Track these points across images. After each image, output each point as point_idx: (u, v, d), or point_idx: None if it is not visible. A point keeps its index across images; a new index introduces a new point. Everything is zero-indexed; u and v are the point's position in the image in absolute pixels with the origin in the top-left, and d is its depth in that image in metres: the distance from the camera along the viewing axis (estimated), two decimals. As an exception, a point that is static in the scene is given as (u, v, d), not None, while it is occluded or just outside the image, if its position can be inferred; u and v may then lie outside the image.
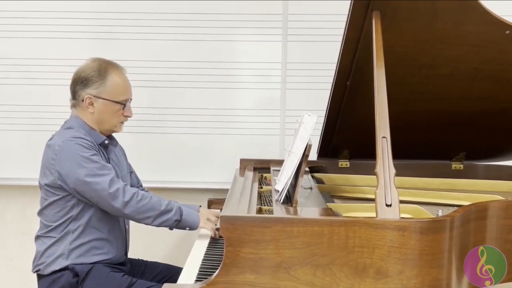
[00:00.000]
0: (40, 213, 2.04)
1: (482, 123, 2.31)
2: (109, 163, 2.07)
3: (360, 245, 1.44)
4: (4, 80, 2.95)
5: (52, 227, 1.98)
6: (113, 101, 2.01)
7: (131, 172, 2.28)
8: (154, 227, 2.01)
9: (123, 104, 2.04)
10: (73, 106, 2.05)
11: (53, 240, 1.98)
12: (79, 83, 2.00)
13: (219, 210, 2.37)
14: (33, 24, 2.90)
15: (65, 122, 2.07)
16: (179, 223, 2.00)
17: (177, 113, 2.96)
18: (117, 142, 2.18)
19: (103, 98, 2.00)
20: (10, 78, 2.95)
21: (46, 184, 1.98)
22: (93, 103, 2.00)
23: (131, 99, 2.08)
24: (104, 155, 2.05)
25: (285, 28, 2.90)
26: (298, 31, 2.89)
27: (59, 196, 1.96)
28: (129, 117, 2.08)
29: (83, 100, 2.00)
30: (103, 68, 2.01)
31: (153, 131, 2.96)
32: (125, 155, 2.26)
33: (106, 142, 2.06)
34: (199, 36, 2.90)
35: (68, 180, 1.92)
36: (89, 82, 1.99)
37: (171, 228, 2.04)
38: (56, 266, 1.96)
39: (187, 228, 2.02)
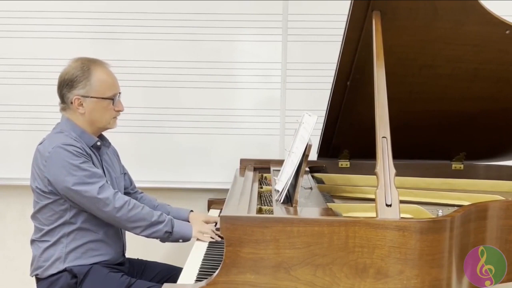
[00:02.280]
0: (33, 216, 2.02)
1: (482, 123, 2.32)
2: (102, 164, 2.06)
3: (360, 245, 1.44)
4: (4, 80, 2.95)
5: (46, 230, 1.97)
6: (101, 98, 1.99)
7: (124, 173, 2.27)
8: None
9: (112, 99, 2.02)
10: (63, 109, 2.03)
11: (48, 244, 1.97)
12: (65, 85, 1.99)
13: (208, 213, 2.37)
14: (33, 24, 2.89)
15: (57, 125, 2.05)
16: (170, 235, 1.99)
17: (177, 113, 2.95)
18: (109, 143, 2.17)
19: (91, 97, 1.98)
20: (10, 78, 2.94)
21: (37, 187, 1.97)
22: (82, 104, 1.98)
23: (120, 93, 2.06)
24: (97, 157, 2.04)
25: (285, 28, 2.90)
26: (298, 31, 2.89)
27: (51, 200, 1.95)
28: (121, 111, 2.07)
29: (72, 102, 1.98)
30: (86, 67, 1.99)
31: (153, 131, 2.96)
32: (118, 156, 2.25)
33: (99, 143, 2.05)
34: (199, 36, 2.90)
35: (57, 187, 1.91)
36: (75, 83, 1.97)
37: (163, 241, 2.02)
38: (53, 270, 1.96)
39: (181, 240, 2.02)
